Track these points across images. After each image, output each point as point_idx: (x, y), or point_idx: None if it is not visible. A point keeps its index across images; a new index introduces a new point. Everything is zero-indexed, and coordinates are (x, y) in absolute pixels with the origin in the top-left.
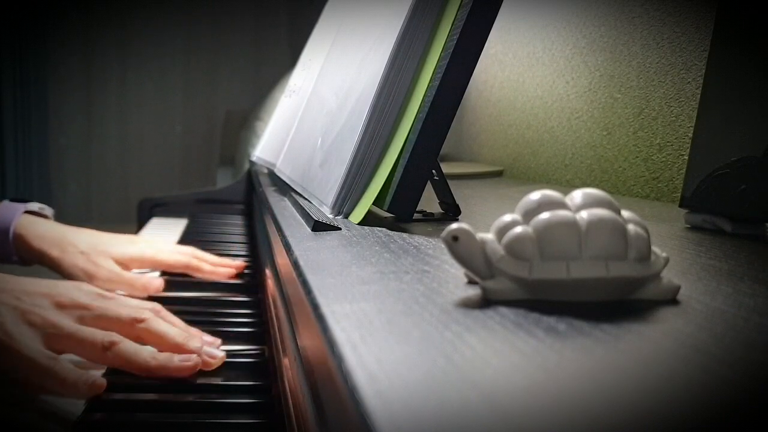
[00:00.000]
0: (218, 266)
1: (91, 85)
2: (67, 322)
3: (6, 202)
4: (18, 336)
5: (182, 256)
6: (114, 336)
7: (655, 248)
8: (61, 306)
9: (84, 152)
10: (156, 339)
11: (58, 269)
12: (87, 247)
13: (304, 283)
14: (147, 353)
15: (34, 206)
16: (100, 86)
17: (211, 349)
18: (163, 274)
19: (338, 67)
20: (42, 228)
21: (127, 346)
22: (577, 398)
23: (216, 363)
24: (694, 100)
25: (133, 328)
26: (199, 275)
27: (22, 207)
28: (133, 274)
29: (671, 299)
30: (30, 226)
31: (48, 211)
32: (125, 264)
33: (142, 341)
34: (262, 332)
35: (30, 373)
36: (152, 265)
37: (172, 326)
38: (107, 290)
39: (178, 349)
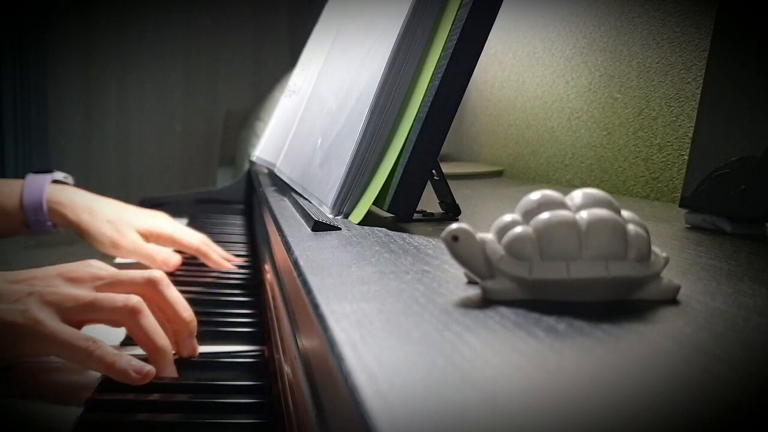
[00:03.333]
0: (224, 259)
1: (91, 85)
2: (84, 292)
3: (32, 175)
4: (48, 321)
5: (196, 239)
6: (133, 298)
7: (655, 248)
8: (74, 281)
9: (84, 152)
10: (165, 305)
11: (86, 234)
12: (113, 216)
13: (304, 283)
14: (167, 345)
15: (59, 175)
16: (100, 86)
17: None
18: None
19: (338, 67)
20: (71, 195)
21: (150, 321)
22: (577, 398)
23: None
24: (694, 100)
25: (148, 289)
26: (207, 262)
27: (49, 177)
28: (155, 248)
29: (671, 299)
30: (60, 193)
31: (70, 179)
32: (146, 236)
33: (155, 304)
34: (262, 332)
35: (70, 357)
36: (169, 242)
37: (177, 301)
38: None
39: (180, 322)
